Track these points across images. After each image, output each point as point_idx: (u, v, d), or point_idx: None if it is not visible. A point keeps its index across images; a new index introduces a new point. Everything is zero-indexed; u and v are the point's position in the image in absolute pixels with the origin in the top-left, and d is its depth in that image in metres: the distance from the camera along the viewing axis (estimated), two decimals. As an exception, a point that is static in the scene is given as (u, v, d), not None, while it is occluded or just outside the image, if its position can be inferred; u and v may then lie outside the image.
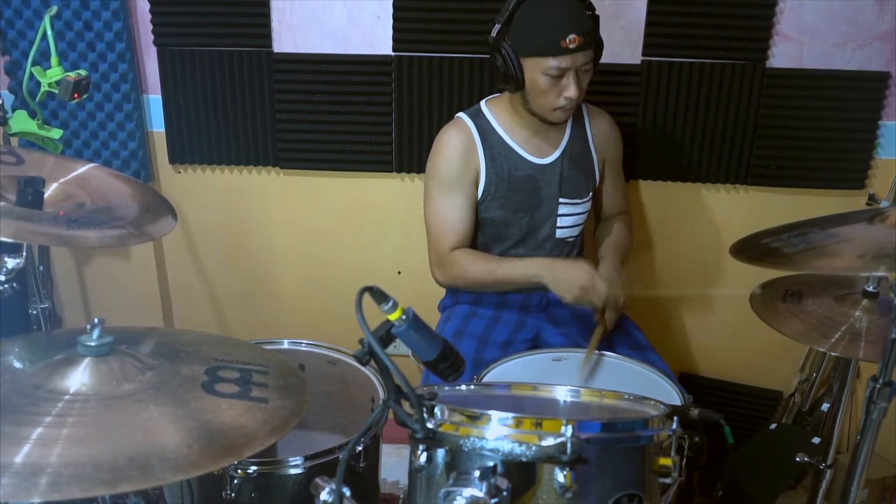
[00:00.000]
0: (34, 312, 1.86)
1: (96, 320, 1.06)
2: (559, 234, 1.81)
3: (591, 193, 1.85)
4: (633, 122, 2.07)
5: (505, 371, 1.53)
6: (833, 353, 1.44)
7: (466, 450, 0.97)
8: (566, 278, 1.63)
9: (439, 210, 1.76)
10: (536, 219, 1.79)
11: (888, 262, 1.05)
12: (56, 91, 1.65)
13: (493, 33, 1.60)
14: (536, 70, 1.59)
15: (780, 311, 1.49)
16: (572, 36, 1.54)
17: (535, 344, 1.81)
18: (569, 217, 1.81)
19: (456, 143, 1.74)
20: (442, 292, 1.97)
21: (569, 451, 0.92)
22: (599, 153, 1.85)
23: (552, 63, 1.56)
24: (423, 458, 1.00)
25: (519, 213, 1.78)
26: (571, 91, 1.59)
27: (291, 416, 1.04)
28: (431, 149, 1.79)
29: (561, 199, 1.79)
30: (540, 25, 1.56)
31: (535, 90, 1.62)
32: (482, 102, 1.80)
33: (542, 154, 1.77)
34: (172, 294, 2.42)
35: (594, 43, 1.61)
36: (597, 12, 1.63)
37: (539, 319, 1.85)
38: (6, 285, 1.38)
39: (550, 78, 1.59)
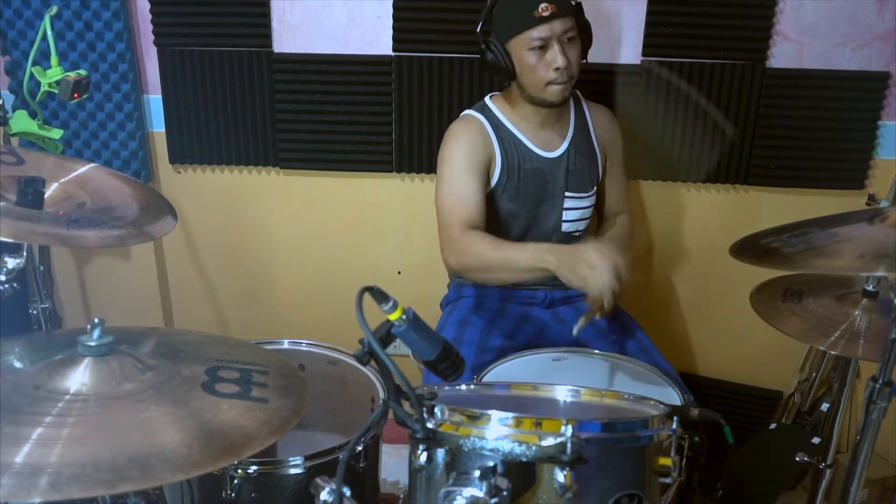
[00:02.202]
0: (34, 312, 1.86)
1: (96, 320, 1.06)
2: (565, 227, 1.81)
3: (595, 188, 1.86)
4: (633, 122, 2.07)
5: (505, 371, 1.53)
6: (832, 352, 1.44)
7: (466, 450, 0.97)
8: (572, 258, 1.57)
9: (453, 191, 1.72)
10: (542, 212, 1.80)
11: (888, 262, 1.05)
12: (56, 91, 1.65)
13: (478, 30, 1.66)
14: (521, 48, 1.63)
15: (780, 310, 1.49)
16: (543, 5, 1.59)
17: (538, 340, 1.80)
18: (574, 211, 1.81)
19: (471, 130, 1.75)
20: (442, 292, 1.97)
21: (569, 451, 0.92)
22: (602, 147, 1.87)
23: (532, 35, 1.61)
24: (423, 458, 0.99)
25: (527, 205, 1.78)
26: (559, 60, 1.61)
27: (291, 416, 1.04)
28: (443, 141, 1.76)
29: (567, 193, 1.79)
30: (513, 5, 1.63)
31: (524, 70, 1.65)
32: (487, 98, 1.82)
33: (549, 147, 1.78)
34: (172, 294, 2.42)
35: (569, 12, 1.63)
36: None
37: (543, 316, 1.85)
38: (6, 285, 1.38)
39: (535, 52, 1.62)
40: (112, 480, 0.84)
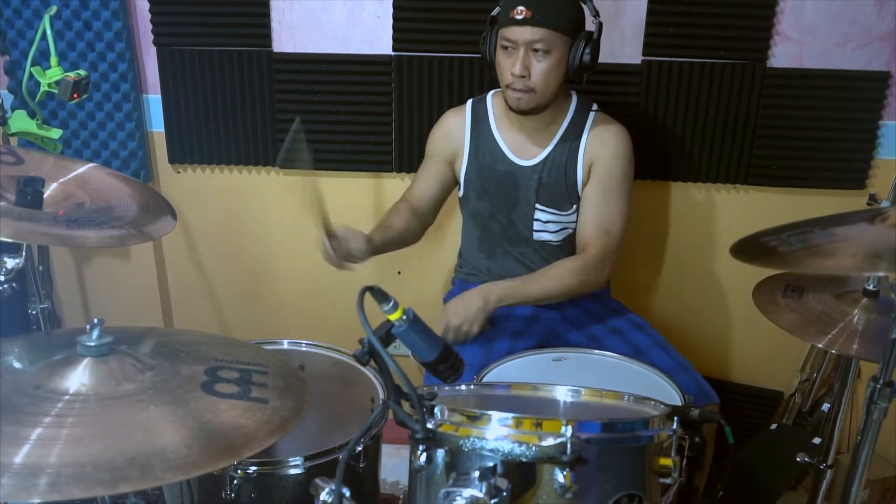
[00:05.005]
0: (34, 312, 1.86)
1: (96, 320, 1.06)
2: (536, 236, 1.80)
3: (574, 206, 1.77)
4: (633, 122, 2.06)
5: (505, 371, 1.53)
6: (825, 349, 1.43)
7: (466, 450, 0.97)
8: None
9: (416, 175, 1.87)
10: (514, 216, 1.80)
11: (888, 262, 1.05)
12: (55, 91, 1.64)
13: (487, 23, 1.68)
14: (497, 44, 1.65)
15: (780, 305, 1.48)
16: (520, 8, 1.57)
17: (547, 339, 1.79)
18: (548, 223, 1.78)
19: (446, 123, 1.83)
20: (442, 291, 1.97)
21: (569, 451, 0.92)
22: (587, 168, 1.73)
23: (504, 34, 1.61)
24: (423, 458, 1.00)
25: (498, 205, 1.80)
26: (516, 67, 1.60)
27: (291, 416, 1.04)
28: None
29: (538, 206, 1.77)
30: (505, 1, 1.62)
31: (496, 66, 1.68)
32: (490, 92, 1.83)
33: (523, 155, 1.76)
34: (172, 294, 2.42)
35: (549, 25, 1.56)
36: (586, 5, 1.64)
37: (552, 315, 1.83)
38: (6, 285, 1.38)
39: (504, 51, 1.63)
40: (112, 480, 0.84)
